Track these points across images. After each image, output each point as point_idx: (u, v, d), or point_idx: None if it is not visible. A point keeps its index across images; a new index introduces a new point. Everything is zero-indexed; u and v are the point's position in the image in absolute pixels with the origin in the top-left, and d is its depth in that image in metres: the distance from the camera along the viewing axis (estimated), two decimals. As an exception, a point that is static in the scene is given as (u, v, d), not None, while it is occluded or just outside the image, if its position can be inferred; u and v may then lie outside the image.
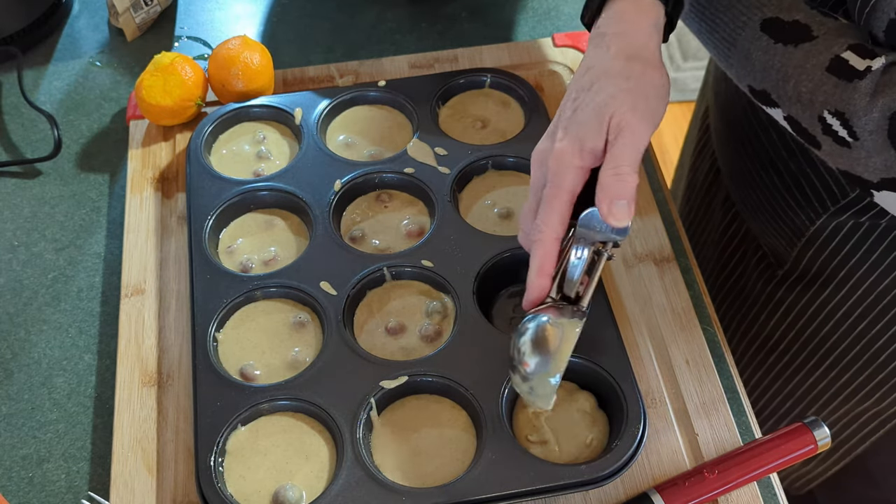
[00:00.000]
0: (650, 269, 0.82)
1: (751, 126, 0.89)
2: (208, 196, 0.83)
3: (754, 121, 0.88)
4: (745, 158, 0.93)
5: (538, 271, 0.67)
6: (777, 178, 0.88)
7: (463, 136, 0.88)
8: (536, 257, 0.67)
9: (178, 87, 0.89)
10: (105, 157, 0.94)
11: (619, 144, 0.63)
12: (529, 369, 0.65)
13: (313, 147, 0.87)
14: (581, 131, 0.65)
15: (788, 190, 0.87)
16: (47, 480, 0.74)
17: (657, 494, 0.68)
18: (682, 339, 0.78)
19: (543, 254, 0.66)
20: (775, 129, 0.85)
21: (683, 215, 1.16)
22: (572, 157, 0.65)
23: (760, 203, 0.92)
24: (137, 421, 0.74)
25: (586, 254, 0.66)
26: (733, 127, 0.94)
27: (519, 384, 0.67)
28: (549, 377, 0.65)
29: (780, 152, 0.86)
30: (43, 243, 0.88)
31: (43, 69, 1.02)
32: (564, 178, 0.65)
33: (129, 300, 0.81)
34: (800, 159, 0.84)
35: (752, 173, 0.92)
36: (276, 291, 0.78)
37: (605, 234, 0.66)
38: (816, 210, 0.84)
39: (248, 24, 1.06)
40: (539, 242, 0.66)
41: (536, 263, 0.67)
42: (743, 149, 0.93)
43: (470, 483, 0.67)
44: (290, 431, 0.71)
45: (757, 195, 0.92)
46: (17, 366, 0.80)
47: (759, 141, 0.88)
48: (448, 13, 1.05)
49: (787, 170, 0.86)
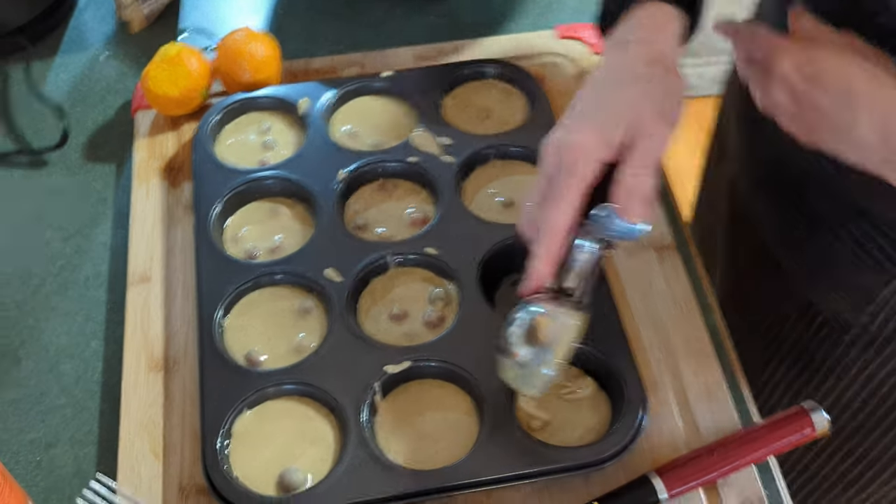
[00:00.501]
0: (650, 256, 0.83)
1: (796, 188, 0.82)
2: (214, 185, 0.84)
3: (804, 183, 0.81)
4: (790, 219, 0.85)
5: (543, 259, 0.66)
6: (837, 243, 0.81)
7: (466, 126, 0.89)
8: (542, 245, 0.66)
9: (184, 77, 0.90)
10: (111, 148, 0.95)
11: (640, 146, 0.64)
12: (520, 358, 0.65)
13: (318, 137, 0.88)
14: (602, 126, 0.65)
15: (851, 254, 0.80)
16: (55, 465, 0.75)
17: (657, 477, 0.68)
18: (682, 326, 0.79)
19: (550, 242, 0.65)
20: (827, 190, 0.79)
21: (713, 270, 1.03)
22: (594, 149, 0.64)
23: (814, 268, 0.85)
24: (144, 406, 0.75)
25: (593, 248, 0.66)
26: (772, 185, 0.87)
27: (505, 370, 0.66)
28: (542, 368, 0.65)
29: (835, 215, 0.79)
30: (50, 232, 0.89)
31: (50, 61, 1.03)
32: (581, 169, 0.64)
33: (136, 288, 0.82)
34: (860, 222, 0.77)
35: (802, 237, 0.84)
36: (282, 278, 0.79)
37: (618, 233, 0.65)
38: (889, 272, 0.78)
39: (253, 16, 1.07)
40: (549, 231, 0.65)
41: (543, 251, 0.66)
42: (786, 208, 0.85)
43: (472, 466, 0.68)
44: (295, 415, 0.72)
45: (809, 259, 0.85)
46: (25, 352, 0.81)
47: (808, 203, 0.82)
48: (452, 5, 1.06)
49: (848, 233, 0.79)
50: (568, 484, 0.70)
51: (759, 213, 0.91)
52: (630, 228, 0.65)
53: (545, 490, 0.70)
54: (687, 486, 0.69)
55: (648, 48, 0.68)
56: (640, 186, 0.63)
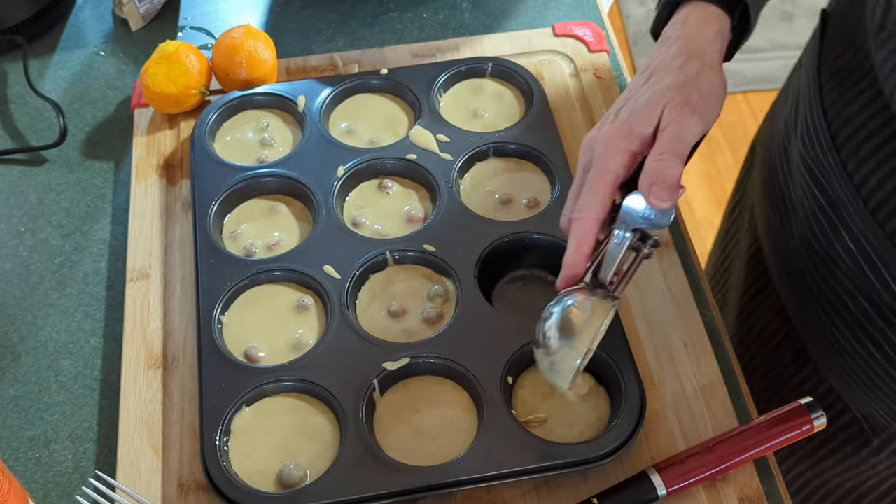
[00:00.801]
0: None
1: (831, 289, 0.80)
2: (213, 182, 0.84)
3: (836, 285, 0.80)
4: (826, 322, 0.83)
5: (576, 249, 0.67)
6: (875, 349, 0.79)
7: (464, 123, 0.89)
8: (575, 236, 0.67)
9: (182, 75, 0.90)
10: (110, 145, 0.95)
11: (668, 133, 0.64)
12: (553, 343, 0.66)
13: (316, 134, 0.88)
14: (632, 117, 0.66)
15: (890, 361, 0.78)
16: (54, 461, 0.75)
17: (656, 474, 0.69)
18: (679, 323, 0.79)
19: (583, 233, 0.66)
20: (864, 294, 0.77)
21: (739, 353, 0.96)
22: (620, 139, 0.65)
23: (851, 370, 0.82)
24: (143, 402, 0.75)
25: (625, 238, 0.66)
26: (804, 285, 0.84)
27: (541, 358, 0.68)
28: (572, 354, 0.66)
29: (874, 321, 0.77)
30: (49, 229, 0.89)
31: (48, 59, 1.03)
32: (610, 160, 0.65)
33: (135, 284, 0.82)
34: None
35: (839, 339, 0.82)
36: (280, 275, 0.79)
37: (646, 220, 0.66)
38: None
39: (251, 14, 1.07)
40: (579, 221, 0.66)
41: (575, 242, 0.67)
42: (824, 312, 0.83)
43: (471, 462, 0.68)
44: (293, 412, 0.72)
45: (846, 361, 0.82)
46: (24, 349, 0.81)
47: (846, 307, 0.80)
48: (450, 3, 1.06)
49: (887, 340, 0.77)
50: (567, 480, 0.71)
51: (790, 301, 0.89)
52: (656, 215, 0.65)
53: (544, 486, 0.71)
54: (686, 482, 0.69)
55: (687, 44, 0.68)
56: (662, 171, 0.63)
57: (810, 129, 0.79)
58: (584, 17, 1.04)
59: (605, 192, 0.66)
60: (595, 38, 0.99)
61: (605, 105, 0.93)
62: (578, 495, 0.70)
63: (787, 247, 0.86)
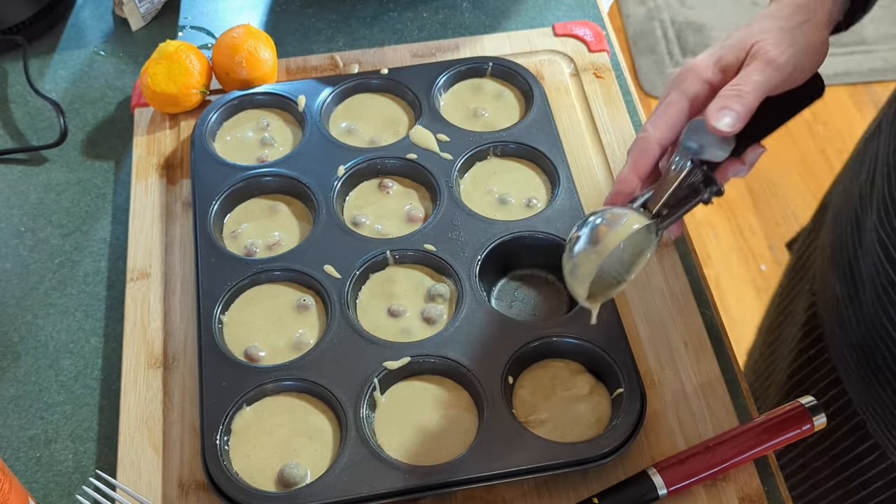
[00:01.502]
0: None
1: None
2: (213, 181, 0.84)
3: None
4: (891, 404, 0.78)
5: (631, 167, 0.65)
6: None
7: (464, 122, 0.89)
8: (633, 154, 0.65)
9: (182, 74, 0.90)
10: (110, 145, 0.95)
11: (750, 69, 0.63)
12: (578, 245, 0.64)
13: (316, 134, 0.88)
14: (722, 50, 0.65)
15: None
16: (55, 460, 0.75)
17: (657, 473, 0.69)
18: (680, 322, 0.79)
19: (640, 151, 0.64)
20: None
21: None
22: (703, 69, 0.64)
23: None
24: (143, 402, 0.75)
25: (684, 167, 0.64)
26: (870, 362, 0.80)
27: (566, 262, 0.65)
28: (593, 258, 0.63)
29: None
30: (49, 229, 0.89)
31: (48, 58, 1.03)
32: (689, 85, 0.64)
33: (135, 284, 0.82)
34: None
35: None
36: (281, 275, 0.79)
37: (706, 148, 0.64)
38: None
39: (251, 14, 1.07)
40: (641, 139, 0.64)
41: (631, 160, 0.65)
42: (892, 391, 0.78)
43: (471, 461, 0.68)
44: (294, 411, 0.72)
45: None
46: (24, 349, 0.81)
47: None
48: (449, 3, 1.06)
49: None
50: (567, 480, 0.71)
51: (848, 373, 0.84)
52: (713, 143, 0.63)
53: (544, 486, 0.71)
54: (686, 482, 0.69)
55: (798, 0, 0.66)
56: (730, 96, 0.61)
57: (888, 202, 0.75)
58: (584, 17, 1.04)
59: (675, 115, 0.64)
60: (595, 37, 0.99)
61: (605, 105, 0.94)
62: (579, 495, 0.70)
63: (852, 322, 0.81)
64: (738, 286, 2.02)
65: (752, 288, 2.02)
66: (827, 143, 2.26)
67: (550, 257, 0.77)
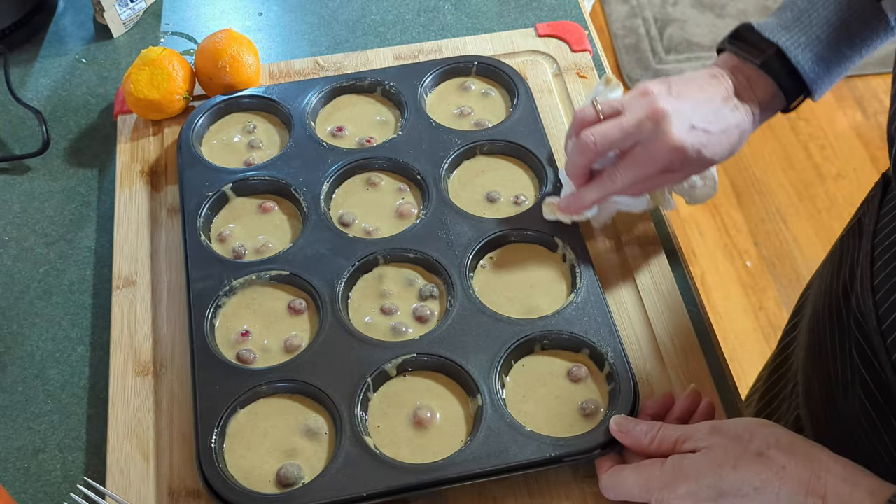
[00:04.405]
0: (635, 251, 0.83)
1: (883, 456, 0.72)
2: (200, 185, 0.84)
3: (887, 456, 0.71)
4: None
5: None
6: None
7: (451, 121, 0.90)
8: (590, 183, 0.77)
9: (165, 80, 0.90)
10: (93, 153, 0.94)
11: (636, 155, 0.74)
12: None
13: (303, 136, 0.88)
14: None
15: None
16: (43, 470, 0.74)
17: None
18: (667, 320, 0.79)
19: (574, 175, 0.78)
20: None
21: None
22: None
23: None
24: (132, 410, 0.75)
25: None
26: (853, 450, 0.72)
27: None
28: None
29: None
30: (33, 238, 0.88)
31: (30, 66, 1.02)
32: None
33: (121, 292, 0.81)
34: None
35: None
36: (271, 277, 0.79)
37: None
38: None
39: (233, 19, 1.06)
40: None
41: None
42: None
43: (466, 458, 0.68)
44: (288, 412, 0.72)
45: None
46: (10, 359, 0.80)
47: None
48: (431, 5, 1.06)
49: None
50: (558, 477, 0.71)
51: None
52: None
53: (537, 481, 0.70)
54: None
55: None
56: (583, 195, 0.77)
57: (863, 307, 0.72)
58: (567, 17, 1.04)
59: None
60: (577, 37, 0.99)
61: (590, 103, 0.94)
62: (570, 492, 0.70)
63: (834, 422, 0.79)
64: (724, 283, 2.03)
65: (738, 284, 2.03)
66: (809, 138, 2.27)
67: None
